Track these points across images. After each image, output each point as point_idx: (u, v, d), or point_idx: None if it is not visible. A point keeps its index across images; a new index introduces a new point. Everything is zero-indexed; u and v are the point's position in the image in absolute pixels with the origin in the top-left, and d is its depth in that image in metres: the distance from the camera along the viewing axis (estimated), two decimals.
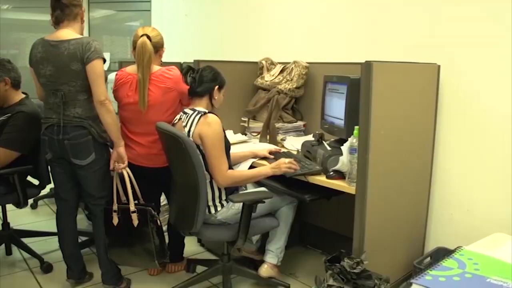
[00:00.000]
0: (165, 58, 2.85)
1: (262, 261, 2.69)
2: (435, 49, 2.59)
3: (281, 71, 3.30)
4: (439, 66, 2.54)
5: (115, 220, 2.57)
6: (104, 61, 2.45)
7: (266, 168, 2.50)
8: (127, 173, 2.57)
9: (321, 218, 3.29)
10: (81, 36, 2.46)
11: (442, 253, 2.27)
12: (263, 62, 3.40)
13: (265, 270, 2.65)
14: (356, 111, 2.17)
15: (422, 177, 2.60)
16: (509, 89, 2.31)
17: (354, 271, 2.04)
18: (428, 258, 2.37)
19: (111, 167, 2.57)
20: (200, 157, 2.35)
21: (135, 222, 2.53)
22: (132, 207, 2.53)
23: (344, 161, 2.25)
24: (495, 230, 2.19)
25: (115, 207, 2.56)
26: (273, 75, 3.30)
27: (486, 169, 2.44)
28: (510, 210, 2.34)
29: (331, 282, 2.08)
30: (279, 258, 2.68)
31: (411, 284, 1.18)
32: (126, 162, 2.56)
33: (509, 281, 1.15)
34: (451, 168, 2.59)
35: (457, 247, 1.48)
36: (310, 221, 3.37)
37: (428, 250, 2.62)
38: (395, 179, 2.36)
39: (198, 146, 2.36)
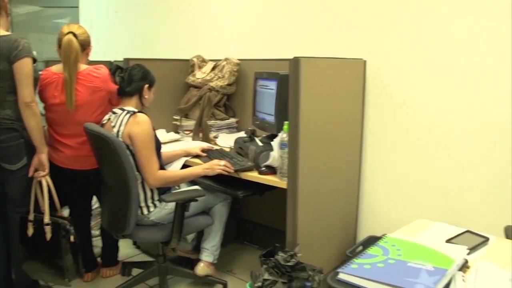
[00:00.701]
0: (94, 56, 2.78)
1: (199, 260, 2.68)
2: (361, 44, 2.67)
3: (213, 69, 3.29)
4: (365, 62, 2.63)
5: (30, 231, 2.46)
6: (34, 60, 2.34)
7: (198, 169, 2.48)
8: (47, 182, 2.47)
9: (256, 214, 3.32)
10: (9, 33, 2.34)
11: (373, 242, 2.34)
12: (194, 59, 3.38)
13: (201, 269, 2.64)
14: (286, 107, 2.21)
15: (351, 168, 2.68)
16: (430, 83, 2.43)
17: (288, 264, 2.08)
18: (361, 247, 2.44)
19: (30, 174, 2.45)
20: (130, 157, 2.30)
21: (48, 235, 2.43)
22: (46, 219, 2.42)
23: (275, 156, 2.28)
24: (420, 216, 2.30)
25: (31, 216, 2.45)
26: (204, 73, 3.28)
27: (410, 159, 2.56)
28: (432, 196, 2.47)
29: (266, 276, 2.11)
30: (215, 256, 2.68)
31: (338, 273, 1.21)
32: (47, 170, 2.46)
33: (427, 264, 1.21)
34: (379, 159, 2.69)
35: (383, 235, 1.54)
36: (246, 217, 3.39)
37: (360, 239, 2.71)
38: (325, 172, 2.42)
39: (127, 146, 2.31)
